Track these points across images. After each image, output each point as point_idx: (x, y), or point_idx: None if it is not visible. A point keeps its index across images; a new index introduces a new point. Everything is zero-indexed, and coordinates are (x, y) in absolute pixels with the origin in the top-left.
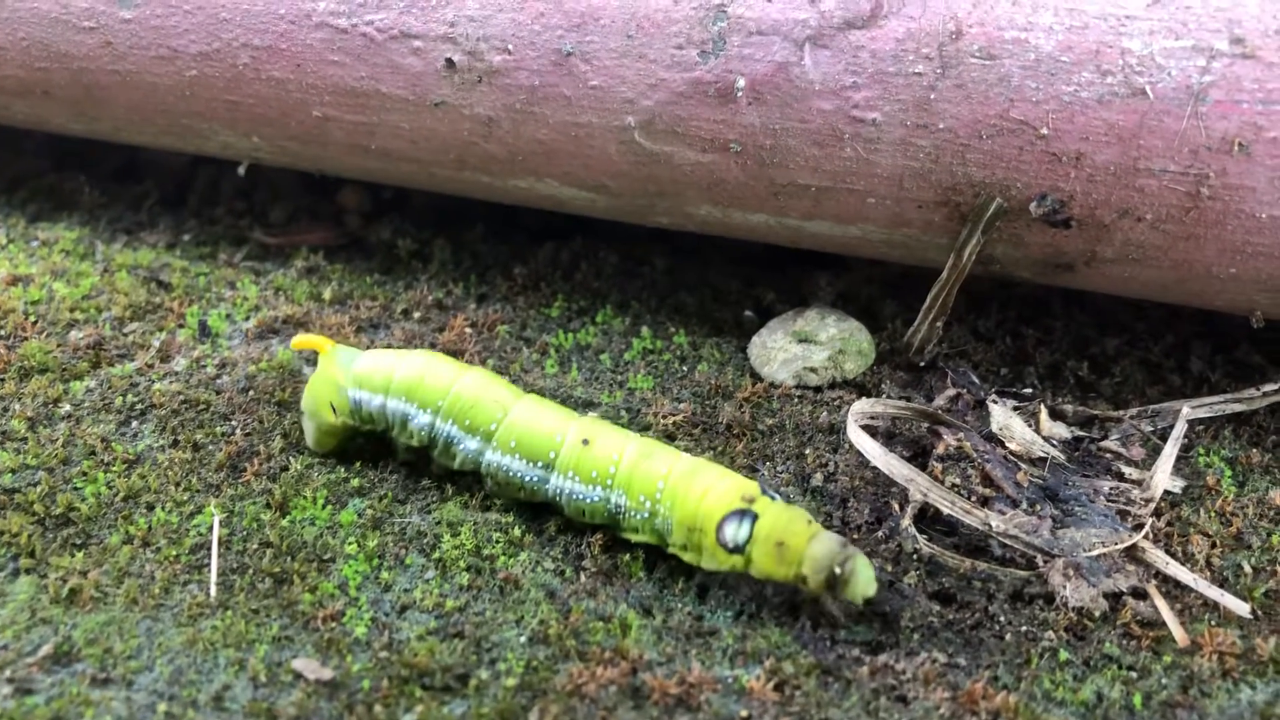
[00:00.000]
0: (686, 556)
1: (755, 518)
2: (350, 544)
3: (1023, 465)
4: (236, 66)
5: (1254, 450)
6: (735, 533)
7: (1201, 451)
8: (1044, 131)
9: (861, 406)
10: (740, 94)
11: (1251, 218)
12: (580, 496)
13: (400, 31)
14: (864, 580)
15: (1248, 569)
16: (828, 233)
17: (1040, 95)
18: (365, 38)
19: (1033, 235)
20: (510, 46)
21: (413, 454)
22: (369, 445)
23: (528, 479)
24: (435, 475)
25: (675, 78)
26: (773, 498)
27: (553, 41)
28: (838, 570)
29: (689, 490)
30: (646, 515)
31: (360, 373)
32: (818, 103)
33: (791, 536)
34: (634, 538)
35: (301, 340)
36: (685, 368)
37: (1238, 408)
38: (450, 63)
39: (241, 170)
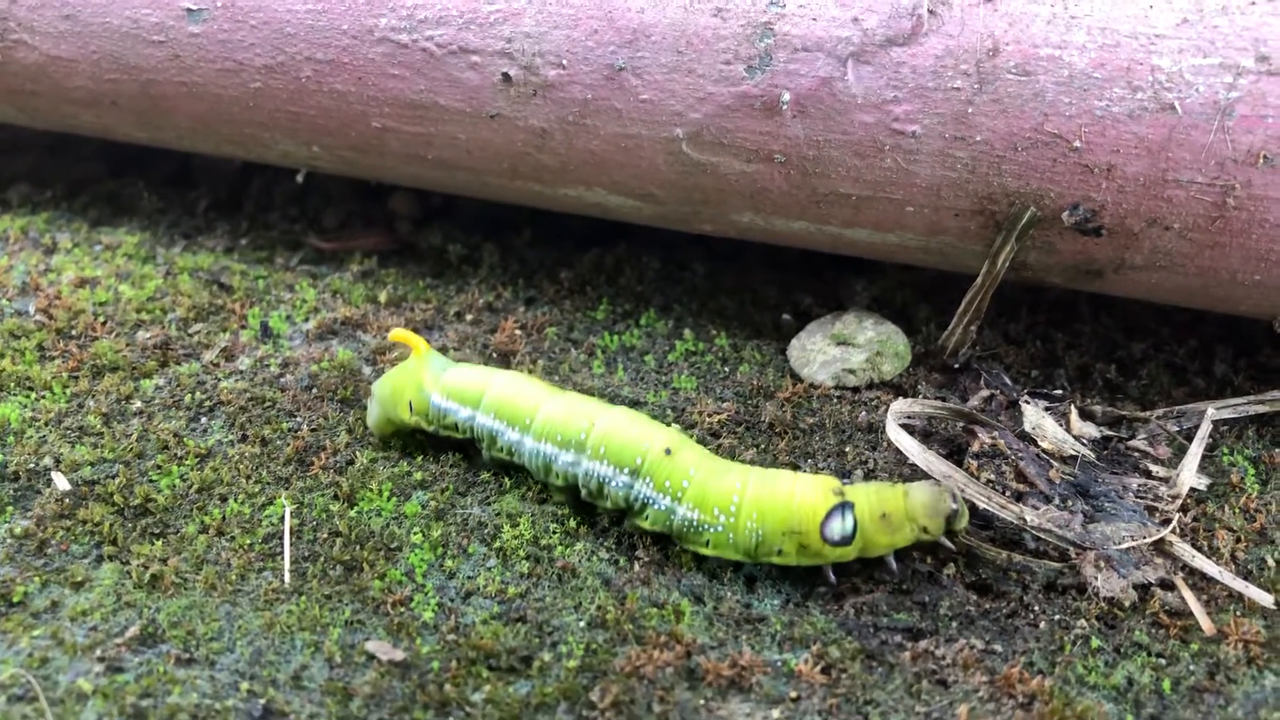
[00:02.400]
0: (779, 560)
1: (852, 506)
2: (415, 534)
3: (1054, 463)
4: (300, 79)
5: (1276, 450)
6: (841, 527)
7: (1225, 451)
8: (1076, 144)
9: (900, 406)
10: (785, 107)
11: (1276, 226)
12: (654, 503)
13: (459, 47)
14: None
15: (1271, 563)
16: (866, 239)
17: (1073, 110)
18: (425, 53)
19: (1064, 243)
20: (565, 61)
21: (500, 465)
22: (427, 442)
23: (613, 485)
24: (492, 469)
25: (723, 91)
26: (848, 482)
27: (605, 57)
28: (953, 506)
29: (774, 498)
30: (721, 529)
31: (451, 384)
32: (860, 116)
33: (889, 503)
34: (705, 552)
35: (400, 334)
36: (727, 369)
37: (1260, 409)
38: (506, 77)
39: (299, 178)
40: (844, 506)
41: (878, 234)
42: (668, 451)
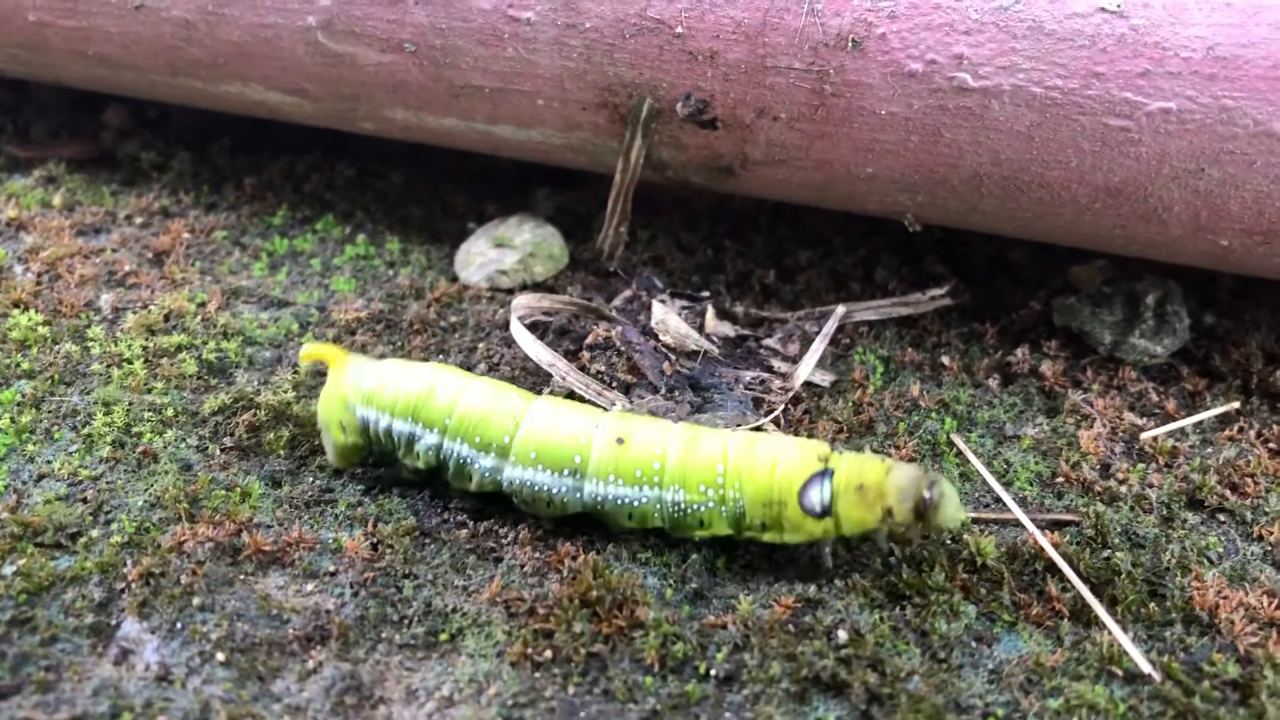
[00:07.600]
0: (766, 536)
1: (832, 474)
2: (3, 419)
3: (674, 358)
4: None
5: (911, 350)
6: (820, 495)
7: (860, 351)
8: (679, 30)
9: (522, 300)
10: None
11: (873, 114)
12: (627, 500)
13: None
14: (953, 505)
15: (869, 452)
16: (514, 137)
17: None
18: None
19: (688, 137)
20: None
21: (420, 476)
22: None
23: (556, 491)
24: (105, 361)
25: None
26: (840, 450)
27: None
28: (926, 495)
29: (755, 464)
30: (712, 505)
31: (371, 388)
32: (478, 2)
33: (869, 475)
34: (700, 534)
35: (311, 351)
36: (391, 272)
37: (904, 311)
38: None
39: None
40: (824, 474)
41: (521, 130)
42: (620, 441)
